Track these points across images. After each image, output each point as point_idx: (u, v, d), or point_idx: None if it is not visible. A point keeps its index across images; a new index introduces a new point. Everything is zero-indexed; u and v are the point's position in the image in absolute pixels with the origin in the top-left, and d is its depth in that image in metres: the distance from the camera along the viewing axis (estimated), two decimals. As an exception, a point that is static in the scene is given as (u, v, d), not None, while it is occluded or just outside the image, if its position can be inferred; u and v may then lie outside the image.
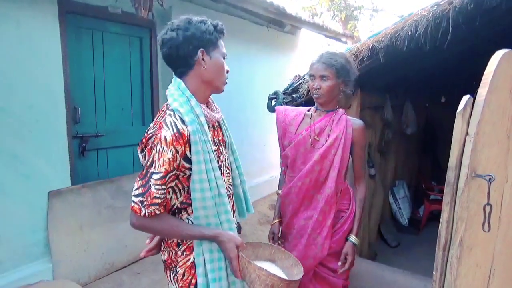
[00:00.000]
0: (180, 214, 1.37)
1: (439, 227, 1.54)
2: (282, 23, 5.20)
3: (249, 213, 1.70)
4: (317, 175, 1.88)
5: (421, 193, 5.06)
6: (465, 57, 2.96)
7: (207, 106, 1.44)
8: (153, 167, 1.24)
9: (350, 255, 1.89)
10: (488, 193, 1.44)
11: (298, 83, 2.85)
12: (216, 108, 1.51)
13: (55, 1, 2.86)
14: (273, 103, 2.96)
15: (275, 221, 2.08)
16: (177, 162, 1.26)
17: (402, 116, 4.22)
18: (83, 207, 3.02)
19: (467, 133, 1.44)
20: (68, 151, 3.02)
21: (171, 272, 1.43)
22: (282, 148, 2.04)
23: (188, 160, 1.29)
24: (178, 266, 1.40)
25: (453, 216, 1.50)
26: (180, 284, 1.41)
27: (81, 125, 3.20)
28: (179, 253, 1.40)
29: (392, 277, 2.91)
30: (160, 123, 1.28)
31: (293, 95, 2.83)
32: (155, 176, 1.24)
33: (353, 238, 1.92)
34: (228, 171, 1.53)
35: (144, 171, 1.27)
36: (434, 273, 1.58)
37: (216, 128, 1.48)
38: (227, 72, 1.40)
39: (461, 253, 1.52)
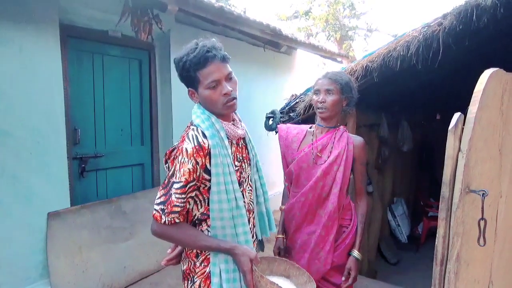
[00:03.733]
0: (201, 226, 1.42)
1: (436, 243, 1.56)
2: (278, 44, 5.31)
3: (272, 232, 1.71)
4: (320, 191, 1.92)
5: (419, 210, 5.07)
6: (458, 75, 3.03)
7: (232, 123, 1.50)
8: (175, 177, 1.31)
9: (353, 270, 1.90)
10: (482, 208, 1.47)
11: (294, 102, 2.91)
12: (241, 126, 1.55)
13: (57, 26, 2.93)
14: (270, 122, 3.01)
15: (279, 236, 2.10)
16: (197, 173, 1.32)
17: (398, 134, 4.27)
18: (82, 228, 3.02)
19: (459, 150, 1.48)
20: (67, 172, 3.03)
21: (189, 282, 1.46)
22: (286, 165, 2.09)
23: (208, 172, 1.35)
24: (196, 276, 1.44)
25: (449, 231, 1.52)
26: None
27: (81, 146, 3.24)
28: (198, 263, 1.44)
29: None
30: (183, 136, 1.37)
31: (290, 114, 2.88)
32: (175, 186, 1.30)
33: (355, 253, 1.94)
34: (250, 188, 1.56)
35: (166, 181, 1.35)
36: (432, 288, 1.59)
37: (240, 145, 1.53)
38: (226, 94, 1.37)
39: (458, 268, 1.53)
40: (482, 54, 2.48)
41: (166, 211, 1.32)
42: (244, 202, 1.46)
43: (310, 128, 2.05)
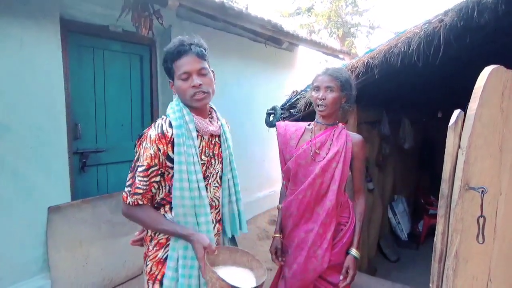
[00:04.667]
0: (160, 210, 1.50)
1: (435, 239, 1.56)
2: (280, 41, 5.29)
3: (242, 232, 1.76)
4: (318, 188, 1.91)
5: (420, 208, 5.06)
6: (459, 73, 3.01)
7: (209, 119, 1.58)
8: (139, 161, 1.42)
9: (352, 269, 1.90)
10: (482, 205, 1.47)
11: (295, 98, 2.91)
12: (217, 124, 1.61)
13: (58, 21, 2.92)
14: (271, 118, 3.01)
15: (276, 235, 2.08)
16: (160, 159, 1.41)
17: (399, 131, 4.26)
18: (82, 223, 3.03)
19: (459, 146, 1.48)
20: (68, 167, 3.04)
21: (145, 265, 1.55)
22: (284, 162, 2.07)
23: (171, 160, 1.43)
24: (148, 259, 1.52)
25: (448, 228, 1.52)
26: (147, 278, 1.53)
27: (82, 141, 3.24)
28: (150, 247, 1.52)
29: (392, 292, 2.90)
30: (152, 124, 1.47)
31: (291, 110, 2.88)
32: (139, 169, 1.41)
33: (353, 251, 1.93)
34: (217, 184, 1.63)
35: (133, 165, 1.44)
36: (430, 285, 1.60)
37: (213, 142, 1.60)
38: (194, 87, 1.44)
39: (457, 265, 1.54)
40: (483, 51, 2.47)
41: (130, 192, 1.42)
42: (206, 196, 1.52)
43: (309, 125, 2.04)
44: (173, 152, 1.42)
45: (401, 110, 4.10)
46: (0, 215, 2.64)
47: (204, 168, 1.52)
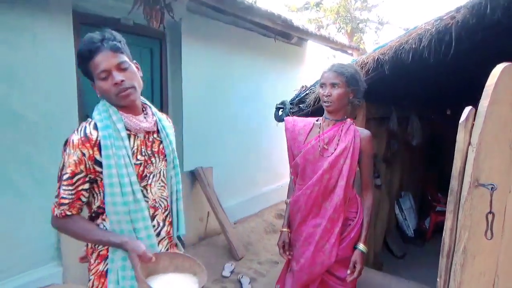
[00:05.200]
0: (97, 220, 1.40)
1: (443, 235, 1.58)
2: (289, 35, 5.29)
3: (180, 234, 1.62)
4: (326, 183, 1.93)
5: (427, 205, 5.06)
6: (470, 70, 3.00)
7: (143, 116, 1.45)
8: (64, 169, 1.31)
9: (359, 264, 1.91)
10: (491, 202, 1.48)
11: (304, 93, 2.91)
12: (151, 120, 1.48)
13: (70, 13, 2.96)
14: (280, 113, 3.02)
15: (284, 230, 2.11)
16: (86, 165, 1.30)
17: (408, 128, 4.25)
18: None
19: (469, 143, 1.49)
20: (80, 157, 3.08)
21: (88, 279, 1.45)
22: (292, 157, 2.09)
23: (100, 164, 1.32)
24: (91, 273, 1.43)
25: (457, 224, 1.54)
26: None
27: (93, 133, 3.28)
28: (92, 260, 1.43)
29: (398, 287, 2.92)
30: (75, 129, 1.36)
31: (300, 105, 2.89)
32: (64, 177, 1.31)
33: (361, 246, 1.94)
34: (162, 184, 1.51)
35: (59, 173, 1.34)
36: (438, 279, 1.62)
37: (151, 139, 1.47)
38: (116, 84, 1.31)
39: (464, 261, 1.55)
40: (495, 48, 2.46)
41: (57, 203, 1.34)
42: (147, 197, 1.42)
43: (317, 120, 2.06)
44: (101, 155, 1.31)
45: (410, 106, 4.09)
46: (13, 203, 2.70)
47: (142, 168, 1.41)
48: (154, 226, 1.44)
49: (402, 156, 4.36)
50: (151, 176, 1.44)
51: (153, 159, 1.46)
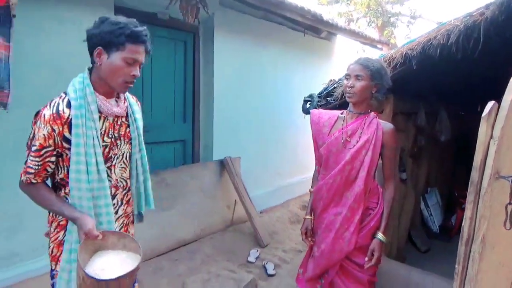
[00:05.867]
0: (60, 191, 1.49)
1: (463, 223, 1.64)
2: (318, 29, 5.33)
3: (149, 208, 1.79)
4: (347, 174, 2.01)
5: (454, 202, 5.02)
6: (500, 67, 2.99)
7: (116, 101, 1.54)
8: (33, 140, 1.38)
9: (377, 251, 1.97)
10: (511, 193, 1.53)
11: (332, 87, 2.98)
12: (123, 104, 1.57)
13: (112, 7, 3.15)
14: (308, 105, 3.10)
15: (307, 217, 2.21)
16: (54, 140, 1.37)
17: (436, 123, 4.23)
18: (129, 196, 3.27)
19: (491, 137, 1.54)
20: (118, 144, 3.28)
21: (48, 247, 1.55)
22: (316, 148, 2.18)
23: (68, 141, 1.39)
24: (50, 241, 1.52)
25: (476, 213, 1.60)
26: (50, 259, 1.54)
27: (130, 121, 3.48)
28: (52, 229, 1.52)
29: (420, 279, 2.97)
30: (48, 102, 1.42)
31: (328, 99, 2.96)
32: (32, 148, 1.38)
33: (380, 235, 2.00)
34: (124, 165, 1.60)
35: (29, 142, 1.42)
36: (456, 266, 1.69)
37: (120, 123, 1.56)
38: (133, 76, 1.43)
39: (483, 250, 1.61)
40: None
41: (24, 170, 1.41)
42: (110, 178, 1.52)
43: (342, 113, 2.13)
44: (70, 133, 1.37)
45: (439, 102, 4.07)
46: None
47: (108, 150, 1.50)
48: (114, 204, 1.55)
49: (430, 151, 4.34)
50: (115, 158, 1.54)
51: (118, 141, 1.55)
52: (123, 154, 1.58)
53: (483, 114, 1.53)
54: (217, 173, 4.18)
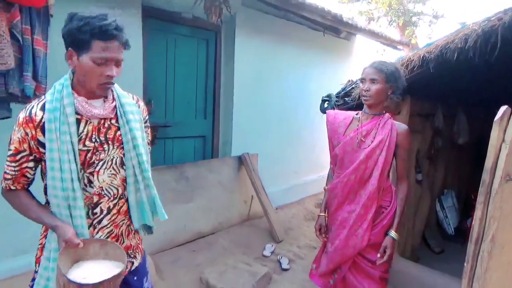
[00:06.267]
0: (46, 196, 1.40)
1: (473, 223, 1.70)
2: (338, 29, 5.35)
3: (159, 218, 1.57)
4: (362, 173, 2.07)
5: (471, 205, 4.99)
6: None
7: (104, 101, 1.41)
8: (9, 144, 1.33)
9: (389, 249, 2.03)
10: (521, 196, 1.58)
11: (350, 87, 3.03)
12: (110, 104, 1.43)
13: (140, 7, 3.28)
14: (325, 105, 3.17)
15: (321, 214, 2.29)
16: (29, 144, 1.30)
17: (454, 126, 4.22)
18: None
19: (503, 140, 1.59)
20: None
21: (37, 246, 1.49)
22: (332, 147, 2.25)
23: (44, 146, 1.30)
24: (38, 242, 1.47)
25: (486, 214, 1.65)
26: (35, 260, 1.48)
27: (154, 116, 3.59)
28: (41, 230, 1.47)
29: (432, 279, 3.01)
30: (26, 105, 1.34)
31: (345, 99, 3.01)
32: (8, 153, 1.33)
33: (392, 233, 2.06)
34: (113, 171, 1.44)
35: (8, 147, 1.35)
36: (465, 264, 1.74)
37: (106, 125, 1.42)
38: (108, 76, 1.29)
39: (492, 249, 1.66)
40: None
41: (3, 177, 1.36)
42: (93, 184, 1.38)
43: (357, 114, 2.18)
44: (44, 137, 1.29)
45: (458, 104, 4.07)
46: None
47: (90, 154, 1.36)
48: (96, 213, 1.41)
49: (447, 154, 4.34)
50: (100, 163, 1.39)
51: (105, 146, 1.40)
52: (112, 159, 1.42)
53: (496, 118, 1.58)
54: (235, 169, 4.28)
